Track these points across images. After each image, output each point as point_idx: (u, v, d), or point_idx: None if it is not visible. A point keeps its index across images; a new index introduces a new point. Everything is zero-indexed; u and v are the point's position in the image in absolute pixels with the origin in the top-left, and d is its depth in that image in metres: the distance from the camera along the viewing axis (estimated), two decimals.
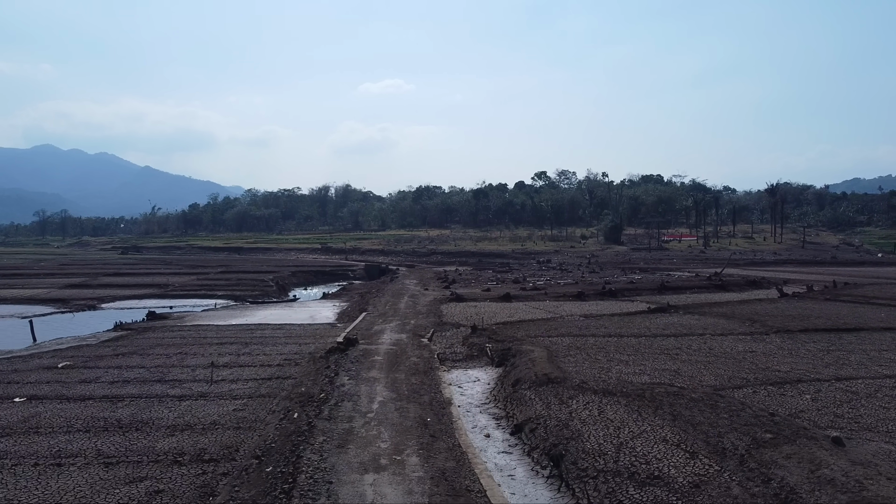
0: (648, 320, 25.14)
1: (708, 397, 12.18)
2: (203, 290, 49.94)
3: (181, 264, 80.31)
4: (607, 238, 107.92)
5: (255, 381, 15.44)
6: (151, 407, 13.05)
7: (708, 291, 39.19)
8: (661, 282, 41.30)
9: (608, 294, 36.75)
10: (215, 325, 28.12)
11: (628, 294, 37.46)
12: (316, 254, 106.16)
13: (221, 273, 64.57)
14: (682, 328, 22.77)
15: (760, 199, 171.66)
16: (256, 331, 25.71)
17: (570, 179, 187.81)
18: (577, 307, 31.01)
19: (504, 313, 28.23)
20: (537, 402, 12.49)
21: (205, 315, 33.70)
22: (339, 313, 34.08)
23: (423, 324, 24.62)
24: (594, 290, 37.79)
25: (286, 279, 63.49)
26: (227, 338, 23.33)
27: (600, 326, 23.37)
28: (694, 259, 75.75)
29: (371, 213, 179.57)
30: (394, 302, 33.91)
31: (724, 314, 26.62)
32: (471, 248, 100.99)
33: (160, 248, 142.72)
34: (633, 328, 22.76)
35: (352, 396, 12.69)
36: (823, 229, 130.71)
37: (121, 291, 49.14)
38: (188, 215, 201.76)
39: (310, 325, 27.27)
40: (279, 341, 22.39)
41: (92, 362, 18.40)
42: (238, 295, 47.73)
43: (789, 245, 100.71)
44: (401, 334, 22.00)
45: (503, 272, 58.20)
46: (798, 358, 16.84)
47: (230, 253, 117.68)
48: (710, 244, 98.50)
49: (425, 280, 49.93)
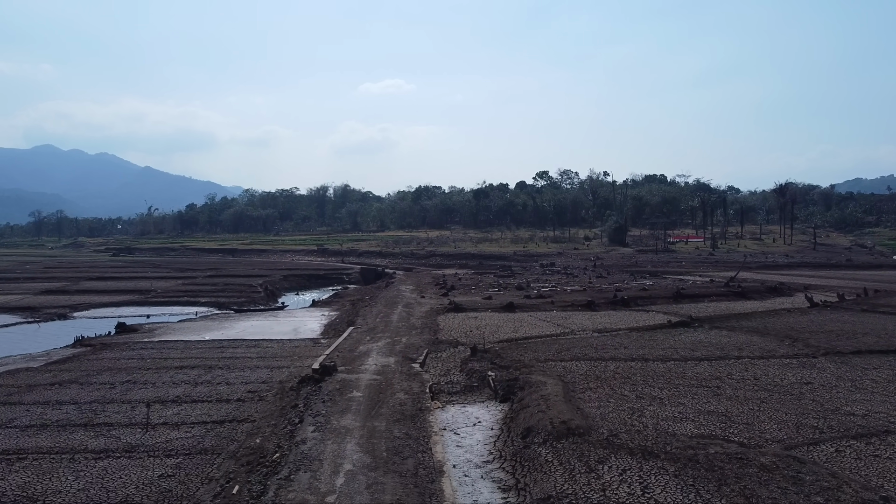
0: (672, 337, 22.15)
1: (784, 464, 9.18)
2: (186, 297, 46.94)
3: (170, 267, 77.33)
4: (611, 239, 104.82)
5: (204, 425, 12.47)
6: (56, 470, 10.06)
7: (727, 299, 36.23)
8: (677, 289, 38.31)
9: (620, 303, 33.77)
10: (185, 340, 25.15)
11: (642, 303, 34.48)
12: (312, 256, 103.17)
13: (210, 277, 61.61)
14: (713, 348, 19.77)
15: (766, 200, 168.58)
16: (228, 349, 22.75)
17: (572, 179, 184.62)
18: (588, 319, 28.04)
19: (508, 327, 25.25)
20: (557, 469, 9.49)
21: (179, 327, 30.72)
22: (325, 325, 31.08)
23: (415, 343, 21.64)
24: (604, 299, 34.80)
25: (277, 284, 60.47)
26: (192, 359, 20.35)
27: (619, 346, 20.38)
28: (703, 262, 72.67)
29: (370, 214, 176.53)
30: (386, 313, 30.93)
31: (756, 329, 23.62)
32: (471, 249, 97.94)
33: (154, 249, 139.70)
34: (657, 348, 19.76)
35: (312, 461, 9.69)
36: (831, 230, 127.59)
37: (99, 298, 46.15)
38: (184, 216, 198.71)
39: (289, 342, 24.30)
40: (249, 364, 19.41)
41: (17, 395, 15.42)
42: (222, 302, 44.71)
43: (800, 246, 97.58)
44: (389, 357, 19.00)
45: (505, 276, 55.20)
46: (868, 394, 13.84)
47: (224, 255, 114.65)
48: (719, 246, 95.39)
49: (422, 285, 46.94)
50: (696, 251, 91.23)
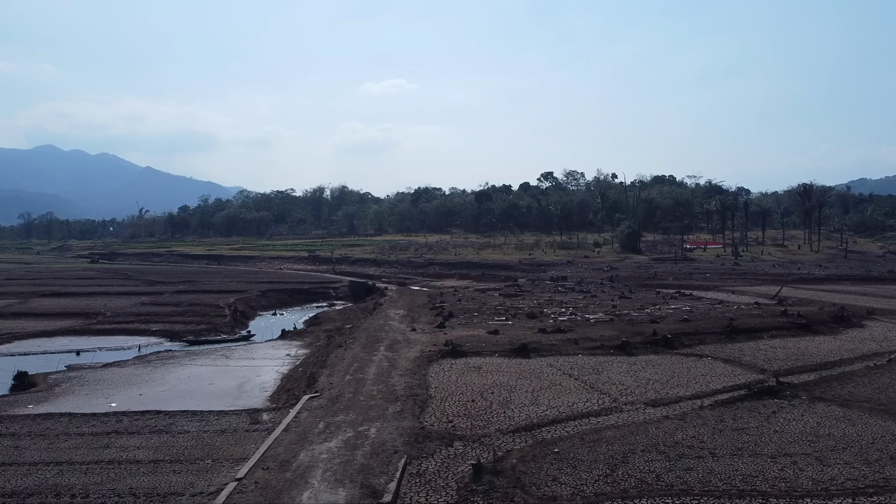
0: (771, 424, 15.08)
1: None
2: (137, 322, 39.86)
3: (142, 279, 70.31)
4: (624, 246, 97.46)
5: None
6: None
7: (791, 334, 29.20)
8: (725, 320, 31.12)
9: (662, 343, 26.69)
10: (77, 415, 18.11)
11: (688, 341, 27.40)
12: (302, 263, 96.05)
13: (178, 293, 54.57)
14: (854, 459, 12.67)
15: (779, 201, 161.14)
16: (123, 436, 15.74)
17: (578, 181, 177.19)
18: (629, 374, 21.04)
19: (524, 392, 18.27)
20: None
21: (95, 379, 23.69)
22: (283, 376, 24.04)
23: (388, 440, 14.56)
24: (640, 336, 27.71)
25: (252, 301, 53.40)
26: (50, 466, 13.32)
27: (701, 447, 13.34)
28: (730, 274, 65.44)
29: (367, 217, 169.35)
30: (363, 361, 23.83)
31: (884, 406, 16.48)
32: (473, 257, 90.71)
33: (139, 254, 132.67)
34: (765, 458, 12.68)
35: None
36: (850, 233, 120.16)
37: (34, 324, 39.23)
38: (175, 218, 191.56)
39: (217, 419, 17.24)
40: (125, 484, 12.35)
41: None
42: (177, 331, 37.64)
43: (828, 254, 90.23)
44: (338, 491, 11.84)
45: (512, 294, 48.12)
46: None
47: (210, 262, 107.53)
48: (741, 253, 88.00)
49: (415, 309, 39.80)
50: (717, 259, 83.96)
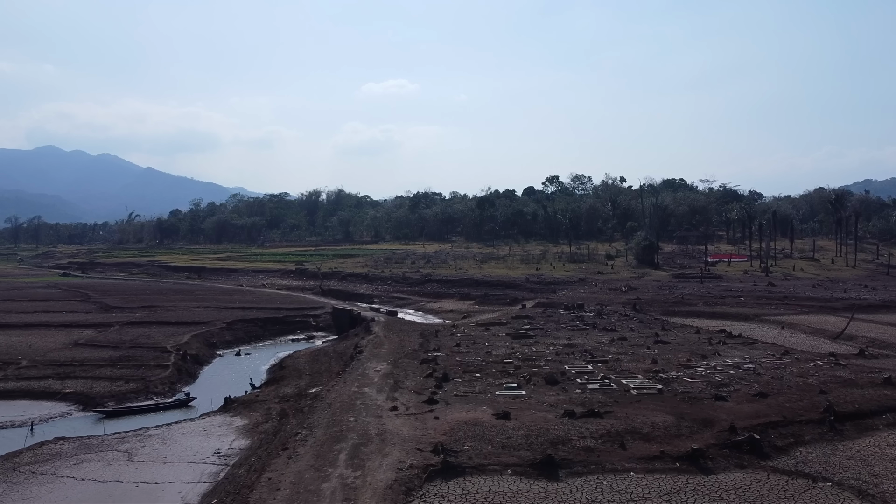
0: None
1: None
2: (51, 379, 31.70)
3: (100, 301, 62.35)
4: (640, 260, 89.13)
5: None
6: None
7: None
8: (823, 403, 22.71)
9: (747, 447, 18.57)
10: None
11: (781, 442, 19.34)
12: (288, 278, 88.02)
13: (129, 324, 46.64)
14: None
15: (796, 206, 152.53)
16: None
17: (585, 185, 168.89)
18: None
19: None
20: None
21: None
22: None
23: None
24: (711, 433, 19.61)
25: (215, 336, 45.29)
26: None
27: None
28: (767, 298, 57.10)
29: (363, 223, 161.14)
30: (308, 492, 15.68)
31: None
32: (474, 272, 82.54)
33: (119, 264, 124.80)
34: None
35: None
36: (875, 242, 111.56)
37: None
38: (164, 224, 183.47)
39: None
40: None
41: None
42: (96, 392, 29.60)
43: (867, 270, 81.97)
44: None
45: (523, 336, 39.89)
46: None
47: (190, 275, 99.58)
48: (771, 269, 79.65)
49: (401, 362, 31.58)
50: (746, 277, 75.60)
